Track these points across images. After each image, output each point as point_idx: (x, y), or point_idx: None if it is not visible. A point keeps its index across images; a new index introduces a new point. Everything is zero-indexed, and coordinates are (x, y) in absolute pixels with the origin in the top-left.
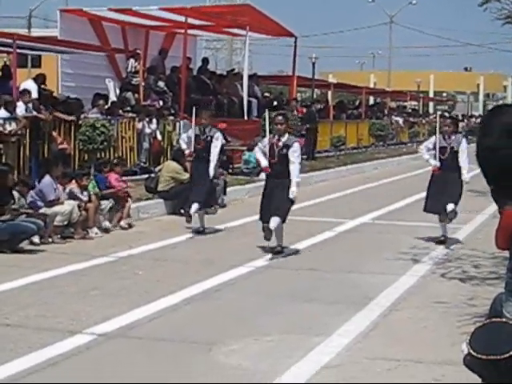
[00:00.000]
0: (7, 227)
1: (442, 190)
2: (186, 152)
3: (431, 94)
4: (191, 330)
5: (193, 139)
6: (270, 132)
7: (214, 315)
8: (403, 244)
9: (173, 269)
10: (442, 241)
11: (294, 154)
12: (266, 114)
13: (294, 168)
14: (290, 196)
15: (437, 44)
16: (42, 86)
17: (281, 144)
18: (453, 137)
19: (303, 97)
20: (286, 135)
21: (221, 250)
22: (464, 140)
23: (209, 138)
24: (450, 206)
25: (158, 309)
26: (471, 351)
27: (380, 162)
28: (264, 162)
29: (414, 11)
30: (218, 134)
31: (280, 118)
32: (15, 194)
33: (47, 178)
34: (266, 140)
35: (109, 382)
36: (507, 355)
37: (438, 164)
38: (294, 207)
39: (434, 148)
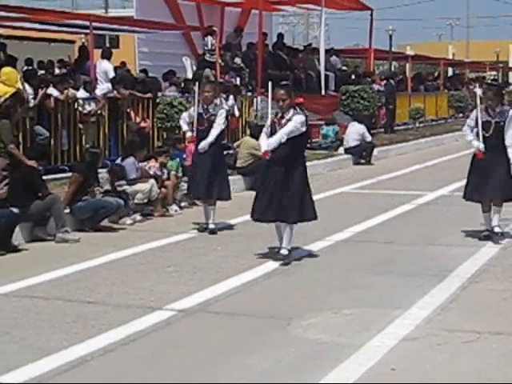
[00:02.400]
0: (88, 204)
1: (487, 175)
2: (188, 136)
3: (511, 64)
4: (270, 305)
5: (195, 119)
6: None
7: (293, 290)
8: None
9: (252, 244)
10: (487, 236)
11: (293, 122)
12: (270, 88)
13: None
14: (264, 147)
15: None
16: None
17: (284, 122)
18: (497, 109)
19: (381, 70)
20: (291, 111)
21: (300, 225)
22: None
23: (213, 117)
24: (496, 220)
25: (236, 284)
26: None
27: (460, 133)
28: (263, 146)
29: None
30: (223, 111)
31: (282, 91)
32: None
33: (131, 159)
34: (269, 121)
35: (189, 356)
36: None
37: (481, 146)
38: (372, 180)
39: (477, 125)
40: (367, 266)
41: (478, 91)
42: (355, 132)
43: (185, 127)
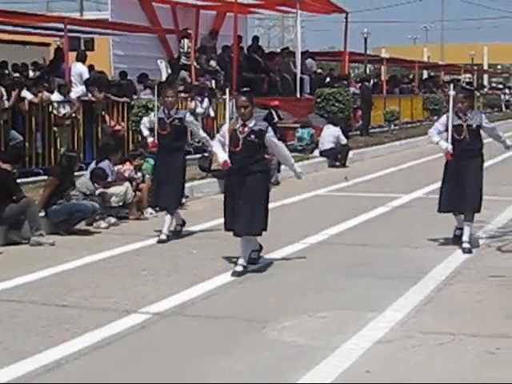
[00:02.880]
0: (63, 208)
1: (460, 184)
2: (149, 141)
3: (485, 67)
4: (245, 308)
5: (156, 124)
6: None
7: (268, 293)
8: None
9: (227, 247)
10: (458, 236)
11: (274, 139)
12: (227, 95)
13: (284, 149)
14: (299, 173)
15: (490, 16)
16: (95, 68)
17: (246, 130)
18: (469, 114)
19: (356, 72)
20: (254, 120)
21: (275, 227)
22: (484, 116)
23: (176, 120)
24: (466, 234)
25: (211, 287)
26: None
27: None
28: (222, 155)
29: None
30: (187, 113)
31: (243, 98)
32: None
33: (106, 162)
34: (225, 127)
35: (165, 359)
36: None
37: (450, 147)
38: (347, 183)
39: (446, 130)
40: (342, 268)
41: (452, 93)
42: (330, 135)
43: (146, 132)
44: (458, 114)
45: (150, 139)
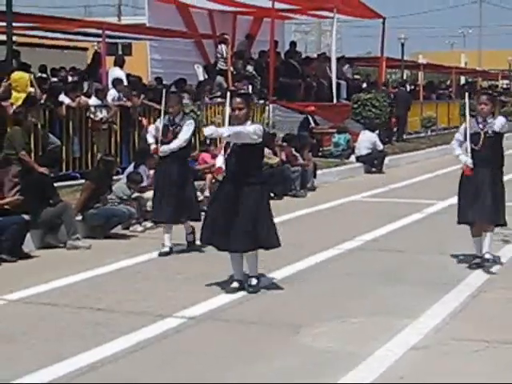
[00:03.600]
0: (100, 212)
1: (478, 194)
2: (152, 147)
3: None
4: (278, 313)
5: (160, 131)
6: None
7: (302, 298)
8: None
9: (262, 252)
10: (478, 264)
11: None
12: (227, 97)
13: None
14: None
15: None
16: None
17: None
18: (489, 120)
19: (393, 78)
20: (249, 123)
21: (311, 232)
22: (504, 120)
23: (178, 128)
24: (487, 245)
25: (245, 292)
26: None
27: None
28: (218, 161)
29: None
30: (191, 121)
31: (239, 100)
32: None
33: (142, 167)
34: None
35: (198, 362)
36: None
37: (469, 161)
38: (383, 188)
39: (465, 138)
40: (377, 274)
41: (466, 97)
42: (367, 140)
43: (150, 140)
44: (477, 120)
45: (153, 146)
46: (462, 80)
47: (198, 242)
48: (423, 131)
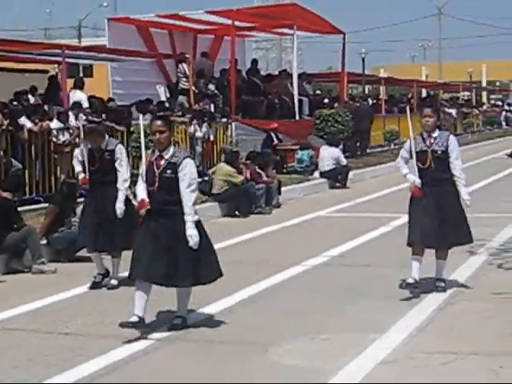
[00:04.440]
0: (64, 235)
1: (434, 216)
2: (80, 178)
3: (484, 84)
4: (247, 332)
5: (86, 159)
6: (147, 147)
7: (270, 316)
8: None
9: (227, 271)
10: (409, 284)
11: (186, 177)
12: (140, 119)
13: (188, 196)
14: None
15: (488, 33)
16: (92, 94)
17: (163, 162)
18: (435, 135)
19: (354, 93)
20: (171, 149)
21: (276, 249)
22: (452, 137)
23: (106, 153)
24: (439, 274)
25: (213, 311)
26: None
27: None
28: (141, 194)
29: (465, 2)
30: (120, 146)
31: (159, 122)
32: None
33: None
34: (143, 161)
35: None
36: None
37: (418, 182)
38: (348, 203)
39: (411, 156)
40: (343, 290)
41: (408, 111)
42: (329, 156)
43: (78, 168)
44: (423, 136)
45: (81, 175)
46: (424, 93)
47: None
48: (386, 145)
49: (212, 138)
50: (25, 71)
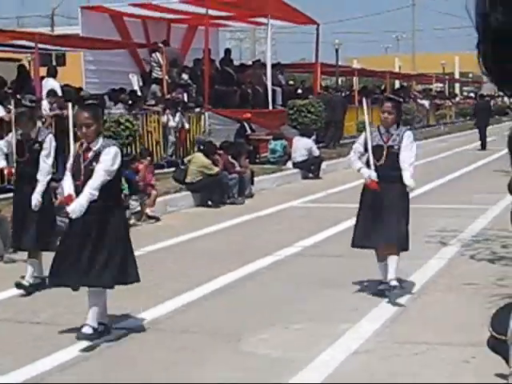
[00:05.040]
0: None
1: (380, 216)
2: (5, 171)
3: (457, 76)
4: (220, 322)
5: (14, 148)
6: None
7: (242, 306)
8: (430, 227)
9: (201, 261)
10: (382, 290)
11: (103, 164)
12: (69, 110)
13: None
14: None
15: (461, 25)
16: (66, 83)
17: (90, 155)
18: (393, 131)
19: (328, 84)
20: (100, 140)
21: (249, 239)
22: (408, 133)
23: (36, 144)
24: (391, 274)
25: (185, 301)
26: (493, 332)
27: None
28: (67, 188)
29: None
30: (50, 137)
31: (86, 114)
32: None
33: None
34: (71, 153)
35: (140, 372)
36: None
37: (374, 175)
38: (320, 194)
39: (366, 150)
40: (316, 280)
41: (364, 103)
42: (302, 147)
43: (2, 162)
44: (380, 131)
45: (6, 169)
46: (397, 84)
47: None
48: (359, 135)
49: (187, 126)
50: None
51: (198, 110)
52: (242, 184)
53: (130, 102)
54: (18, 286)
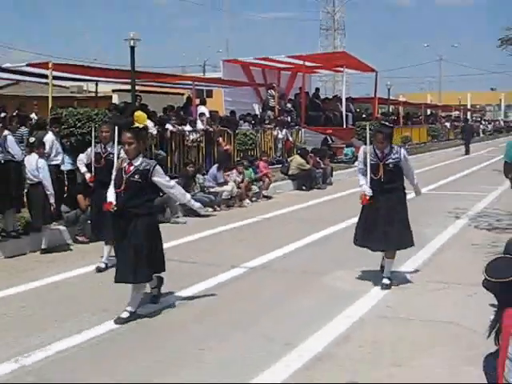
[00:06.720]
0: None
1: (380, 221)
2: (87, 177)
3: (469, 106)
4: (312, 264)
5: (93, 158)
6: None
7: (328, 253)
8: (449, 207)
9: (296, 225)
10: (385, 285)
11: (160, 179)
12: (116, 133)
13: (174, 190)
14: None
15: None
16: (213, 109)
17: (133, 169)
18: (386, 151)
19: (382, 111)
20: (140, 158)
21: (331, 212)
22: (402, 151)
23: (111, 155)
24: (386, 273)
25: (288, 250)
26: (486, 276)
27: (434, 152)
28: (111, 196)
29: (460, 51)
30: (119, 148)
31: (128, 134)
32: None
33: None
34: (115, 166)
35: (255, 298)
36: (511, 278)
37: (368, 191)
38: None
39: (365, 165)
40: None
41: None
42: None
43: (83, 169)
44: (375, 151)
45: (87, 175)
46: (428, 112)
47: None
48: (402, 146)
49: (291, 138)
50: (169, 94)
51: (297, 127)
52: (325, 176)
53: (253, 122)
54: (98, 269)
